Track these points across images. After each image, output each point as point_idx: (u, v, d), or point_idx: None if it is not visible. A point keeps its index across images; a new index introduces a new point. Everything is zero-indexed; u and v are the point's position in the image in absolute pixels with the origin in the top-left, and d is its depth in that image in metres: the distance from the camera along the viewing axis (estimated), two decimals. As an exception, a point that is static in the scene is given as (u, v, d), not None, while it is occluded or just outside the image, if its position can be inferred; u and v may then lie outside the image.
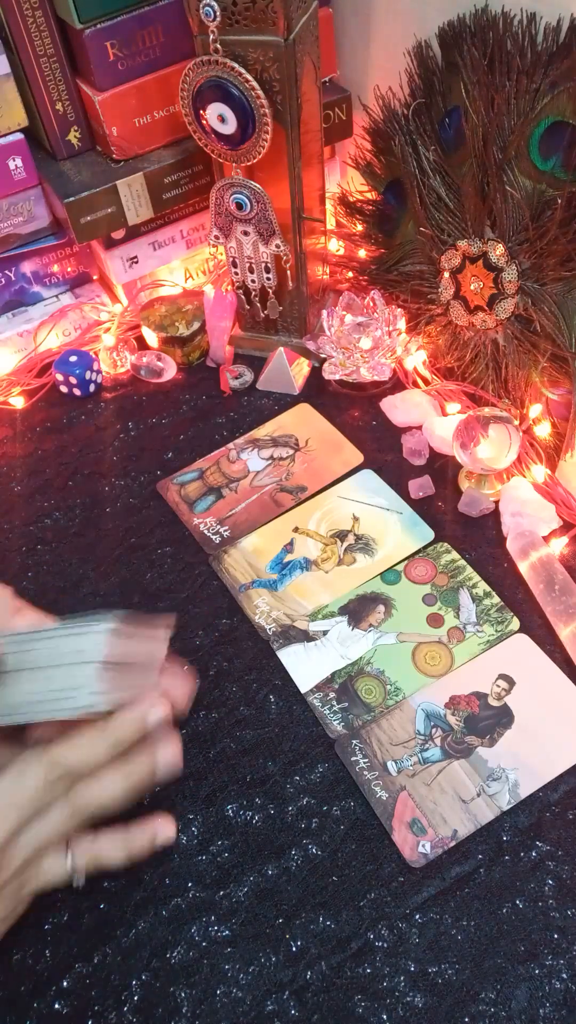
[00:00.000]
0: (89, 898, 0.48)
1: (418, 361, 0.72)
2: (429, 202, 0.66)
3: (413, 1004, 0.43)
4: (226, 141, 0.61)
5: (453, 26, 0.63)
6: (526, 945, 0.45)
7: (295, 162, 0.63)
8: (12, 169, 0.71)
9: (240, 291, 0.73)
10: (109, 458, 0.71)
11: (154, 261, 0.80)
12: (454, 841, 0.48)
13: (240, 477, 0.68)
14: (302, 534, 0.64)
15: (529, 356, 0.64)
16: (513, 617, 0.57)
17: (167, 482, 0.68)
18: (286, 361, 0.72)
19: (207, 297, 0.75)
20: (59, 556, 0.65)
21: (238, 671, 0.57)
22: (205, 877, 0.48)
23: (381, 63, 0.75)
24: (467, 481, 0.65)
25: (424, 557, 0.61)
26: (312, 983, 0.44)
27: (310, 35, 0.60)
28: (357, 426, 0.71)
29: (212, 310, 0.75)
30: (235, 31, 0.57)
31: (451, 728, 0.52)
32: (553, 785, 0.50)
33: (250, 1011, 0.44)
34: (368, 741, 0.52)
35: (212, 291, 0.75)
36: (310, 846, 0.49)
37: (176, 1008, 0.44)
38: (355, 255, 0.78)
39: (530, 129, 0.57)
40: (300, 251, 0.69)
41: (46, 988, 0.45)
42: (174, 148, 0.73)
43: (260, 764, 0.52)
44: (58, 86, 0.69)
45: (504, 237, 0.61)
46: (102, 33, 0.65)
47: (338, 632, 0.58)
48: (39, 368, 0.78)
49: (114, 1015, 0.44)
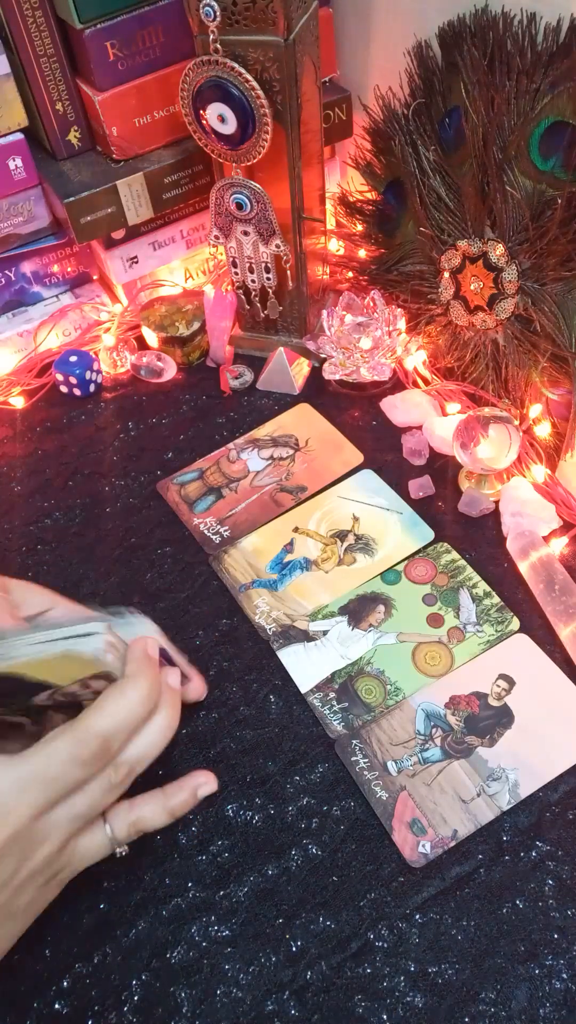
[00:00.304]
0: (89, 898, 0.48)
1: (418, 361, 0.72)
2: (429, 202, 0.66)
3: (413, 1004, 0.43)
4: (226, 141, 0.61)
5: (453, 26, 0.63)
6: (526, 945, 0.45)
7: (295, 162, 0.63)
8: (12, 169, 0.71)
9: (240, 291, 0.73)
10: (109, 458, 0.71)
11: (154, 261, 0.80)
12: (454, 841, 0.48)
13: (240, 477, 0.68)
14: (302, 534, 0.64)
15: (529, 356, 0.64)
16: (513, 617, 0.57)
17: (167, 482, 0.68)
18: (286, 361, 0.72)
19: (207, 297, 0.75)
20: (59, 556, 0.65)
21: (238, 671, 0.57)
22: (205, 877, 0.48)
23: (381, 63, 0.75)
24: (467, 481, 0.65)
25: (424, 557, 0.61)
26: (312, 983, 0.44)
27: (310, 35, 0.60)
28: (357, 426, 0.71)
29: (212, 310, 0.75)
30: (235, 31, 0.57)
31: (451, 728, 0.52)
32: (553, 785, 0.50)
33: (250, 1011, 0.44)
34: (368, 741, 0.52)
35: (212, 291, 0.75)
36: (310, 846, 0.49)
37: (176, 1008, 0.44)
38: (355, 255, 0.78)
39: (530, 129, 0.57)
40: (300, 251, 0.69)
41: (46, 988, 0.45)
42: (174, 148, 0.73)
43: (260, 764, 0.52)
44: (58, 86, 0.69)
45: (504, 237, 0.61)
46: (102, 33, 0.65)
47: (338, 632, 0.58)
48: (39, 368, 0.78)
49: (114, 1015, 0.44)
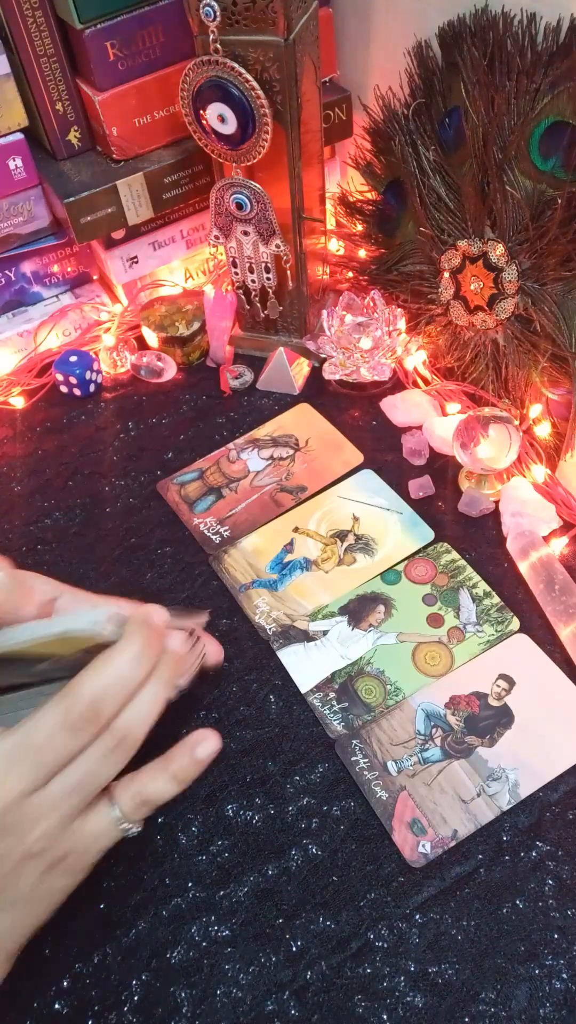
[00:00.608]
0: (89, 898, 0.48)
1: (418, 361, 0.72)
2: (429, 202, 0.66)
3: (413, 1004, 0.43)
4: (226, 141, 0.61)
5: (453, 26, 0.63)
6: (526, 945, 0.45)
7: (295, 162, 0.63)
8: (12, 169, 0.71)
9: (240, 291, 0.73)
10: (109, 458, 0.71)
11: (154, 261, 0.80)
12: (454, 841, 0.48)
13: (240, 477, 0.68)
14: (302, 534, 0.64)
15: (529, 356, 0.64)
16: (513, 617, 0.57)
17: (167, 482, 0.68)
18: (286, 361, 0.72)
19: (207, 297, 0.75)
20: (59, 556, 0.65)
21: (238, 671, 0.57)
22: (205, 877, 0.48)
23: (381, 63, 0.75)
24: (467, 481, 0.65)
25: (424, 557, 0.61)
26: (312, 983, 0.44)
27: (310, 35, 0.60)
28: (357, 426, 0.71)
29: (212, 310, 0.75)
30: (235, 31, 0.57)
31: (451, 728, 0.52)
32: (553, 785, 0.50)
33: (250, 1011, 0.44)
34: (368, 741, 0.52)
35: (212, 291, 0.75)
36: (310, 846, 0.49)
37: (176, 1008, 0.44)
38: (355, 255, 0.78)
39: (530, 129, 0.57)
40: (300, 251, 0.69)
41: (46, 988, 0.45)
42: (174, 148, 0.73)
43: (260, 764, 0.52)
44: (58, 86, 0.69)
45: (504, 237, 0.61)
46: (102, 33, 0.65)
47: (338, 632, 0.58)
48: (39, 368, 0.78)
49: (114, 1015, 0.44)
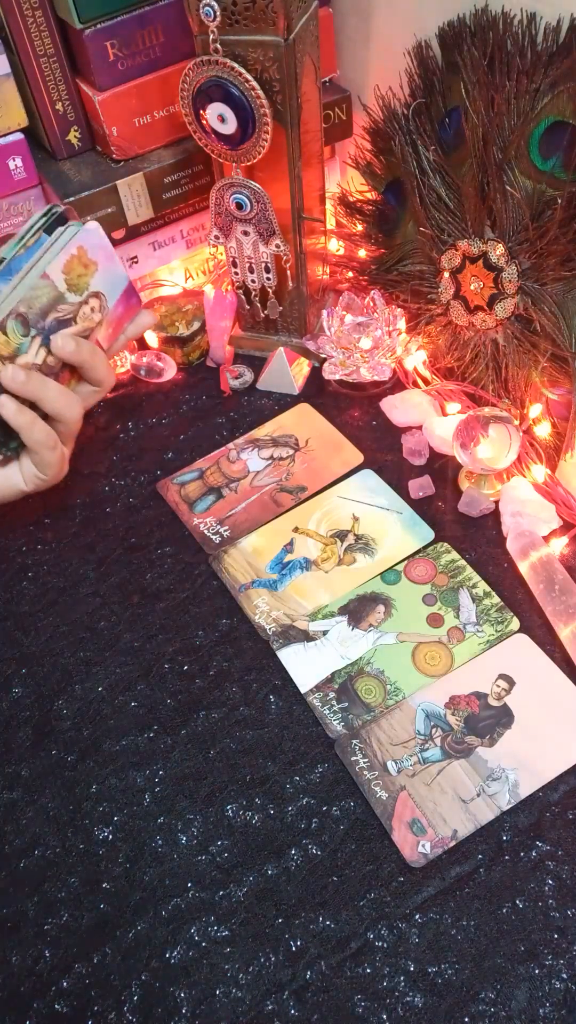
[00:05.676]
0: (89, 898, 0.48)
1: (418, 361, 0.72)
2: (429, 202, 0.66)
3: (413, 1004, 0.43)
4: (226, 141, 0.61)
5: (453, 26, 0.63)
6: (526, 945, 0.45)
7: (295, 162, 0.63)
8: (12, 169, 0.71)
9: (240, 291, 0.73)
10: (109, 458, 0.71)
11: (154, 261, 0.80)
12: (454, 841, 0.48)
13: (240, 477, 0.68)
14: (302, 534, 0.64)
15: (529, 356, 0.64)
16: (513, 617, 0.57)
17: (167, 482, 0.68)
18: (286, 361, 0.72)
19: (207, 297, 0.75)
20: (59, 556, 0.65)
21: (238, 671, 0.57)
22: (205, 877, 0.48)
23: (381, 63, 0.75)
24: (467, 481, 0.65)
25: (424, 557, 0.61)
26: (312, 983, 0.44)
27: (310, 35, 0.60)
28: (357, 426, 0.71)
29: (212, 310, 0.75)
30: (235, 31, 0.57)
31: (451, 728, 0.52)
32: (553, 785, 0.50)
33: (250, 1011, 0.44)
34: (368, 741, 0.52)
35: (212, 291, 0.75)
36: (310, 846, 0.49)
37: (176, 1008, 0.44)
38: (355, 255, 0.78)
39: (530, 129, 0.57)
40: (300, 251, 0.69)
41: (46, 988, 0.45)
42: (174, 148, 0.73)
43: (260, 764, 0.52)
44: (58, 86, 0.69)
45: (504, 237, 0.61)
46: (102, 33, 0.65)
47: (338, 632, 0.58)
48: (39, 368, 0.78)
49: (114, 1015, 0.44)
